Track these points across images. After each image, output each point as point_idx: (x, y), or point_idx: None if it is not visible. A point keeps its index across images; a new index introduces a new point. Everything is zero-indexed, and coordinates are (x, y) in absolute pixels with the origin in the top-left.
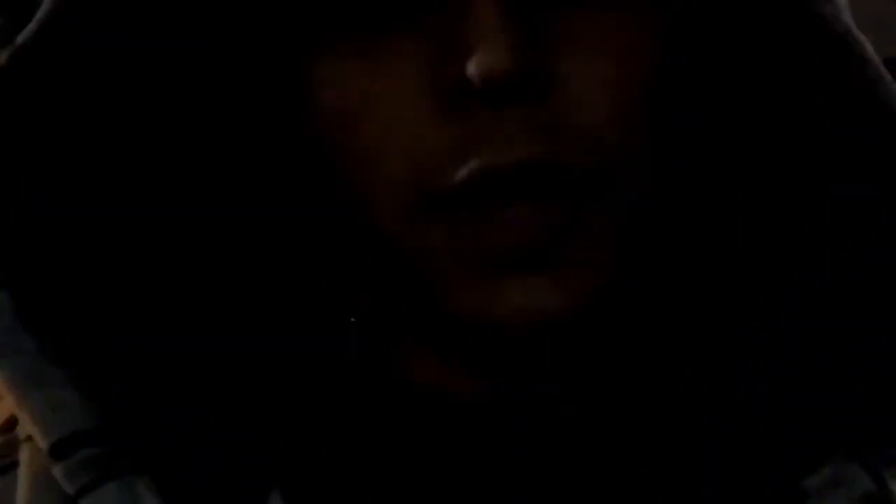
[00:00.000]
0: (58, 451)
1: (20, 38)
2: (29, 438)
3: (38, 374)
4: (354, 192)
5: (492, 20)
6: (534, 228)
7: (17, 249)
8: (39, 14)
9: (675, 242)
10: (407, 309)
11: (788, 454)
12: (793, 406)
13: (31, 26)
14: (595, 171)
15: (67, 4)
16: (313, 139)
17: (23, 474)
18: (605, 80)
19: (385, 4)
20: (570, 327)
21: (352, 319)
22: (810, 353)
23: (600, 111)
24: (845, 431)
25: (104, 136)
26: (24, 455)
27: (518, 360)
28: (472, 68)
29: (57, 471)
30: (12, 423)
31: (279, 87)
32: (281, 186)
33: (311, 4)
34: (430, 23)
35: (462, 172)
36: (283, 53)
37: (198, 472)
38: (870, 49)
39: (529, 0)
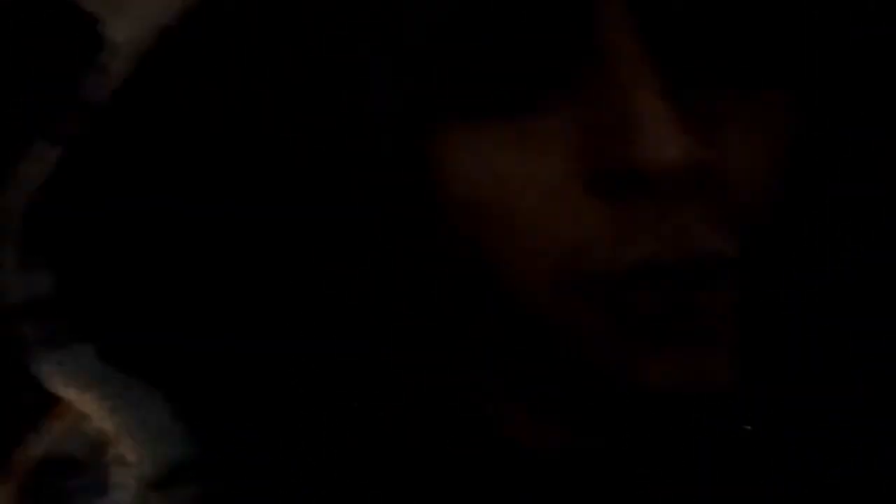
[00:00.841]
0: (158, 481)
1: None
2: (128, 463)
3: (136, 399)
4: (474, 254)
5: (653, 106)
6: (690, 305)
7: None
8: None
9: None
10: (512, 357)
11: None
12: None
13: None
14: (750, 256)
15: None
16: (432, 204)
17: (122, 498)
18: (757, 165)
19: (524, 85)
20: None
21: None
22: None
23: (757, 197)
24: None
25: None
26: (123, 479)
27: (640, 421)
28: (638, 160)
29: (154, 500)
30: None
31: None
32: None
33: (445, 81)
34: (573, 102)
35: (625, 259)
36: (408, 118)
37: None
38: None
39: (684, 78)
